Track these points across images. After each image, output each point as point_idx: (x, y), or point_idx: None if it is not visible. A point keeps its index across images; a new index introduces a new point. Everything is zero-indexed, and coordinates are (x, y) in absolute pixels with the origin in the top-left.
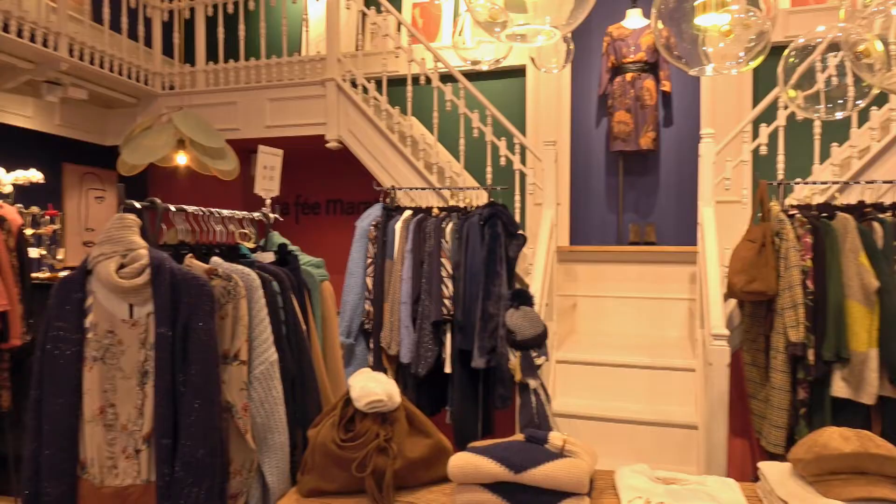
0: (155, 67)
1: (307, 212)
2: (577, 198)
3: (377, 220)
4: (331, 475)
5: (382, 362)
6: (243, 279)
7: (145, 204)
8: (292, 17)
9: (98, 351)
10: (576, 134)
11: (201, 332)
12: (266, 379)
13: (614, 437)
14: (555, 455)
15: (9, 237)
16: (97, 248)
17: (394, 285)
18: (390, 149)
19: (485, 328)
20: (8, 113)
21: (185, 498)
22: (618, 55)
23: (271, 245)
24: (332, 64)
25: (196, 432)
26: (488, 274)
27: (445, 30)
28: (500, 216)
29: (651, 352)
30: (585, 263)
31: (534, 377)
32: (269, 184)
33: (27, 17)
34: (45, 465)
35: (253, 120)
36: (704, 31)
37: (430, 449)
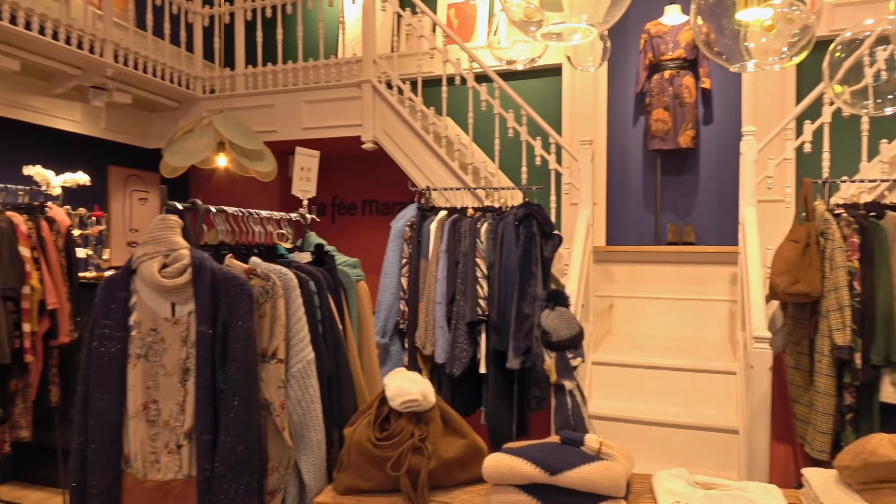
0: (196, 72)
1: (343, 212)
2: (613, 197)
3: (412, 220)
4: (366, 473)
5: (417, 362)
6: (281, 279)
7: (187, 205)
8: (329, 20)
9: (141, 348)
10: (612, 133)
11: (240, 330)
12: (303, 377)
13: (652, 440)
14: (591, 458)
15: (58, 237)
16: (141, 249)
17: (429, 285)
18: (425, 149)
19: (520, 329)
20: (57, 118)
21: (224, 493)
22: (656, 52)
23: (308, 245)
24: (368, 66)
25: (235, 429)
26: (523, 274)
27: (480, 30)
28: (535, 216)
29: (690, 354)
30: (622, 264)
31: (569, 378)
32: (306, 185)
33: (75, 25)
34: (91, 458)
35: (290, 122)
36: (746, 26)
37: (464, 449)
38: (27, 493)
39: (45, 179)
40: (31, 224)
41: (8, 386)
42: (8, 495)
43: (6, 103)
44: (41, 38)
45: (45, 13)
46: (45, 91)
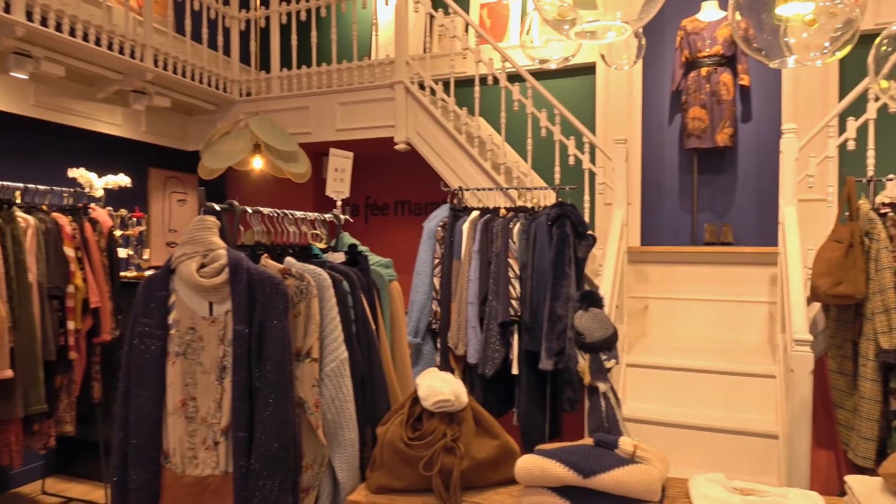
0: (233, 75)
1: (376, 213)
2: (648, 197)
3: (444, 220)
4: (399, 473)
5: (450, 362)
6: (315, 279)
7: (224, 206)
8: (362, 22)
9: (180, 346)
10: (647, 131)
11: (276, 329)
12: (336, 376)
13: (687, 444)
14: (625, 461)
15: (100, 238)
16: (180, 249)
17: (461, 286)
18: (458, 150)
19: (552, 329)
20: (99, 122)
21: (259, 490)
22: (692, 49)
23: (342, 245)
24: (401, 67)
25: (270, 427)
26: (556, 275)
27: (513, 29)
28: (568, 216)
29: (728, 356)
30: (657, 264)
31: (603, 380)
32: (339, 186)
33: (117, 31)
34: (132, 453)
35: (324, 123)
36: (786, 20)
37: (497, 450)
38: (71, 486)
39: (89, 181)
40: (75, 225)
41: (53, 382)
42: (53, 488)
43: (52, 108)
44: (85, 45)
45: (88, 20)
46: (89, 96)
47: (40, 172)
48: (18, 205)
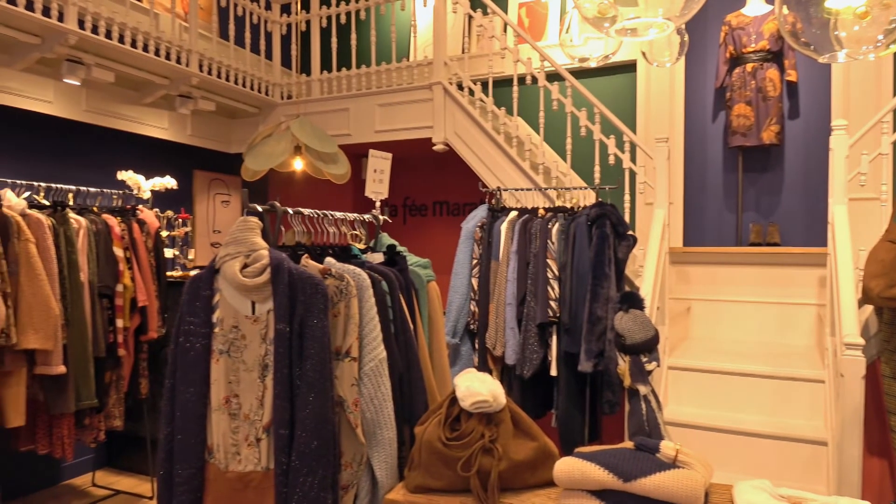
0: (274, 78)
1: (415, 213)
2: (691, 197)
3: (483, 221)
4: (437, 472)
5: (487, 363)
6: (355, 279)
7: (266, 207)
8: (401, 24)
9: (224, 344)
10: (690, 130)
11: (316, 328)
12: (375, 376)
13: (732, 449)
14: (667, 465)
15: (147, 238)
16: (223, 249)
17: (499, 286)
18: (496, 150)
19: (592, 331)
20: (147, 125)
21: (300, 486)
22: (737, 45)
23: (381, 246)
24: (439, 68)
25: (310, 424)
26: (596, 275)
27: (552, 28)
28: (608, 216)
29: (774, 360)
30: (700, 265)
31: (644, 383)
32: (378, 186)
33: (163, 37)
34: (177, 448)
35: (363, 125)
36: (836, 14)
37: (535, 452)
38: (119, 479)
39: (137, 184)
40: (123, 226)
41: (103, 378)
42: (102, 480)
43: (102, 113)
44: (134, 51)
45: (136, 27)
46: (137, 101)
47: (91, 175)
48: (71, 206)
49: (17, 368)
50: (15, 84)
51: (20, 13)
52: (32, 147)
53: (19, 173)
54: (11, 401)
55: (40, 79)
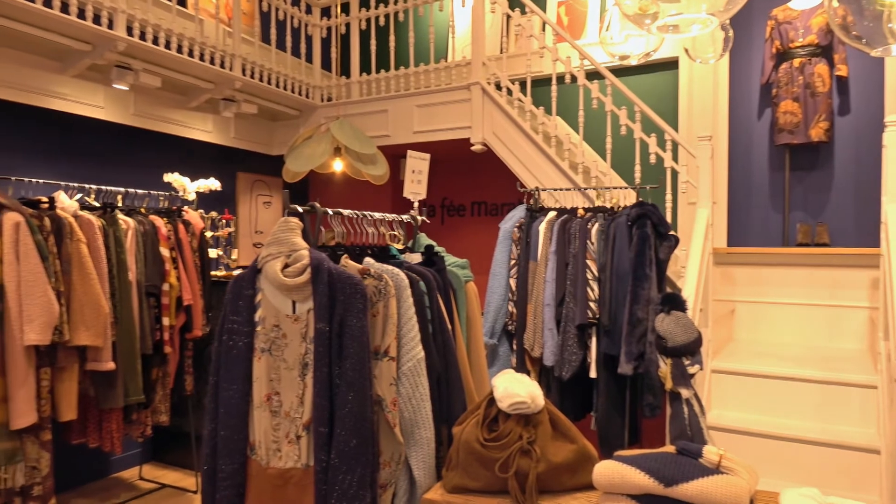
0: (315, 81)
1: (453, 214)
2: (735, 196)
3: (521, 221)
4: (475, 473)
5: (525, 364)
6: (393, 279)
7: (306, 208)
8: (439, 25)
9: (265, 343)
10: (734, 127)
11: (355, 328)
12: (413, 375)
13: (778, 456)
14: (710, 471)
15: (193, 239)
16: (265, 249)
17: (537, 287)
18: (534, 149)
19: (632, 333)
20: (193, 129)
21: (339, 484)
22: (784, 40)
23: (419, 246)
24: (477, 68)
25: (349, 423)
26: (636, 276)
27: (591, 26)
28: (649, 216)
29: (823, 365)
30: (745, 266)
31: (686, 386)
32: (417, 187)
33: (208, 42)
34: (221, 444)
35: (402, 126)
36: (890, 5)
37: (574, 454)
38: (165, 473)
39: (182, 185)
40: (170, 226)
41: (150, 374)
42: (149, 474)
43: (150, 117)
44: (180, 56)
45: (182, 33)
46: (182, 104)
47: (139, 177)
48: (120, 208)
49: (69, 364)
50: (68, 90)
51: (73, 21)
52: (84, 150)
53: (71, 176)
54: (64, 395)
55: (91, 84)
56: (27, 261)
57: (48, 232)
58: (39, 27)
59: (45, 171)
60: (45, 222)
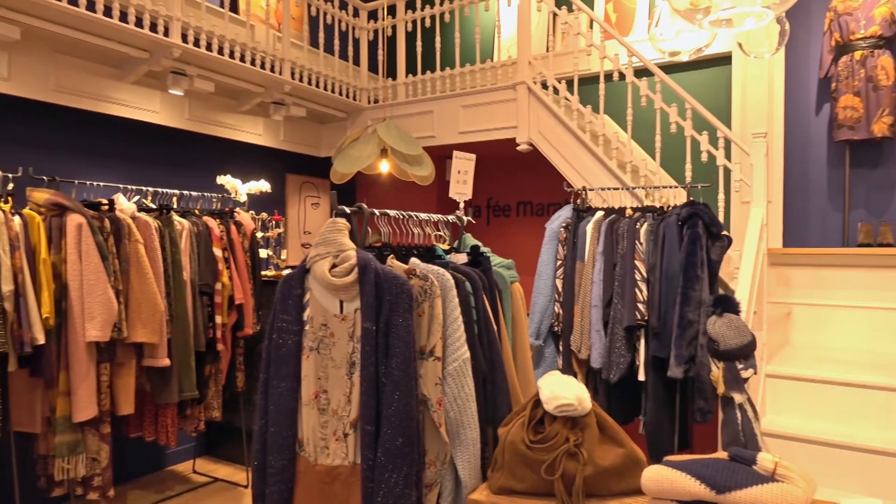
0: (362, 83)
1: (498, 214)
2: (791, 194)
3: (567, 221)
4: (520, 475)
5: (572, 366)
6: (439, 279)
7: (354, 209)
8: (485, 25)
9: (314, 342)
10: (791, 124)
11: (401, 328)
12: (459, 375)
13: (837, 465)
14: (764, 478)
15: (244, 239)
16: (314, 250)
17: (584, 288)
18: (581, 149)
19: (683, 335)
20: (244, 132)
21: (385, 482)
22: (844, 32)
23: (464, 247)
24: (523, 67)
25: (395, 422)
26: (687, 277)
27: (640, 23)
28: (700, 216)
29: (886, 370)
30: (802, 267)
31: (740, 391)
32: (462, 188)
33: (258, 48)
34: (271, 440)
35: (448, 127)
36: None
37: (622, 458)
38: (218, 468)
39: (234, 187)
40: (222, 227)
41: (203, 371)
42: (202, 468)
43: (203, 121)
44: (232, 62)
45: (234, 39)
46: (234, 108)
47: (193, 179)
48: (175, 209)
49: (127, 360)
50: (126, 96)
51: (131, 30)
52: (141, 154)
53: (130, 179)
54: (123, 390)
55: (148, 90)
56: (89, 260)
57: (108, 233)
58: (100, 36)
59: (105, 174)
60: (105, 223)
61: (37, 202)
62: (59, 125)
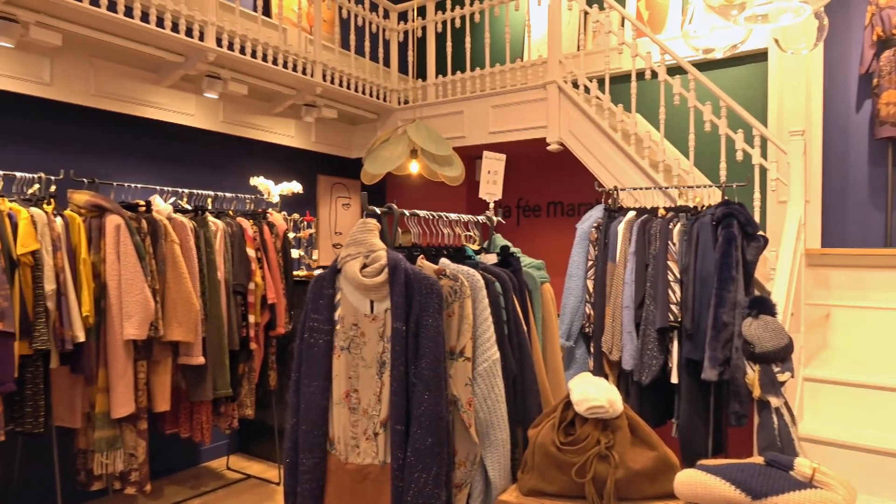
0: (392, 84)
1: (528, 214)
2: (830, 193)
3: (598, 221)
4: (550, 477)
5: (603, 367)
6: (469, 280)
7: (384, 209)
8: (515, 25)
9: (344, 341)
10: (830, 121)
11: (431, 328)
12: (489, 376)
13: (878, 472)
14: (802, 484)
15: (276, 240)
16: (344, 250)
17: (616, 289)
18: (613, 148)
19: (717, 337)
20: (276, 134)
21: (415, 482)
22: (886, 25)
23: (494, 247)
24: (554, 66)
25: (425, 422)
26: (721, 279)
27: (673, 19)
28: (736, 215)
29: None
30: (842, 268)
31: (776, 394)
32: (492, 188)
33: (291, 50)
34: (302, 438)
35: (478, 127)
36: None
37: (654, 462)
38: (251, 465)
39: (267, 189)
40: (255, 228)
41: (236, 369)
42: (235, 464)
43: (237, 123)
44: (265, 65)
45: (267, 42)
46: (267, 111)
47: (227, 181)
48: (209, 210)
49: (163, 358)
50: (162, 100)
51: (167, 35)
52: (177, 156)
53: (166, 180)
54: (159, 388)
55: (183, 94)
56: (126, 260)
57: (145, 233)
58: (137, 41)
59: (143, 175)
60: (142, 224)
61: (77, 204)
62: (98, 128)
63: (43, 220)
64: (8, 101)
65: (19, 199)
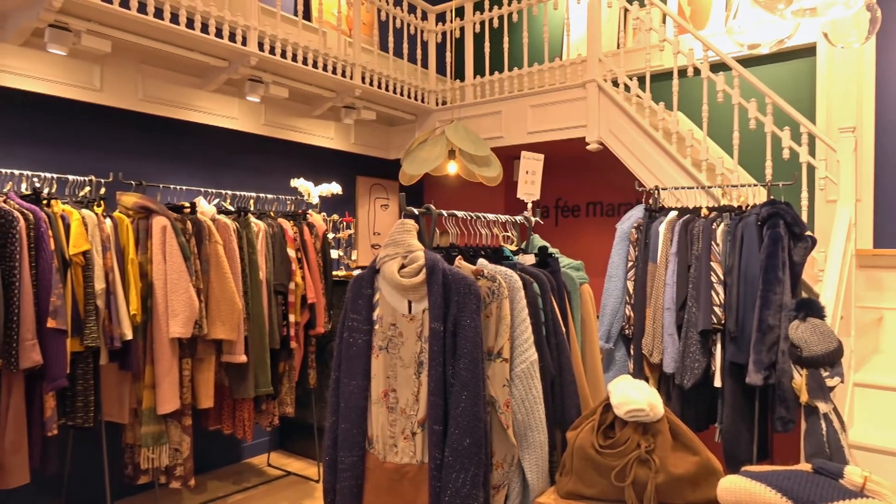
0: (430, 86)
1: (567, 214)
2: (883, 192)
3: (639, 221)
4: (589, 480)
5: (643, 370)
6: (506, 280)
7: (422, 210)
8: (553, 24)
9: (383, 341)
10: (882, 117)
11: (468, 328)
12: (526, 377)
13: None
14: (852, 493)
15: (316, 240)
16: (383, 250)
17: (657, 290)
18: (654, 147)
19: (762, 340)
20: (316, 136)
21: (452, 482)
22: None
23: (532, 247)
24: (593, 65)
25: (463, 422)
26: (767, 280)
27: (716, 15)
28: (782, 215)
29: None
30: (895, 270)
31: (825, 400)
32: (530, 188)
33: (330, 53)
34: (341, 437)
35: (516, 127)
36: None
37: (696, 467)
38: (290, 462)
39: (307, 190)
40: (295, 229)
41: (277, 368)
42: (276, 461)
43: (278, 126)
44: (305, 68)
45: (307, 45)
46: (307, 113)
47: (268, 182)
48: (252, 211)
49: (207, 356)
50: (206, 104)
51: (212, 40)
52: (220, 159)
53: (209, 182)
54: (203, 385)
55: (226, 98)
56: (172, 260)
57: (190, 234)
58: (183, 47)
59: (188, 178)
60: (187, 225)
61: (125, 205)
62: (145, 133)
63: (93, 221)
64: (61, 106)
65: (71, 201)
